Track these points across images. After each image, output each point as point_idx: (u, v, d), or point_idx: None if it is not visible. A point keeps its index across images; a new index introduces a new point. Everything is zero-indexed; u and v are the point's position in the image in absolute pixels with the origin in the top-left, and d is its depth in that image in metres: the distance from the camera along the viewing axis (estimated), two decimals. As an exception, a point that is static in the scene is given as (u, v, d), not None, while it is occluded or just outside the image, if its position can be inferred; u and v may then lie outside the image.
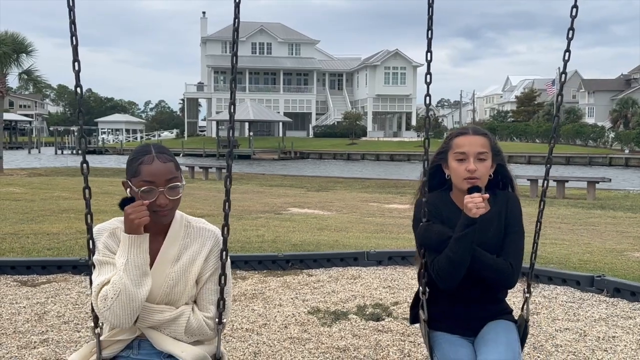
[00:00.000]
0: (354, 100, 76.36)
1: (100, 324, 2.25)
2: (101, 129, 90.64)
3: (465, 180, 2.49)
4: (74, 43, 2.24)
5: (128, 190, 2.25)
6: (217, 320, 2.29)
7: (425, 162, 2.63)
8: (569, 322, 4.78)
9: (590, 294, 5.58)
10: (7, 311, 4.86)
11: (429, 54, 2.62)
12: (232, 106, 2.32)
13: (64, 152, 60.79)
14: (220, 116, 59.79)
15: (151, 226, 2.23)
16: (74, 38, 2.24)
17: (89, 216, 2.24)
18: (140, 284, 2.14)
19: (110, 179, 20.24)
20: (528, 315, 2.71)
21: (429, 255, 2.53)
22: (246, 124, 62.63)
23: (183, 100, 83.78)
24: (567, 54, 2.58)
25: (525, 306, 2.71)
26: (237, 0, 2.30)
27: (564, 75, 2.63)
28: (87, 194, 2.26)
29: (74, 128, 66.47)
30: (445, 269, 2.44)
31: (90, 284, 2.23)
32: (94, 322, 2.23)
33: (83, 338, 4.24)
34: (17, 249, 7.07)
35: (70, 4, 2.24)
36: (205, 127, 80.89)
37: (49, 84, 53.26)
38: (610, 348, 4.21)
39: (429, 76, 2.65)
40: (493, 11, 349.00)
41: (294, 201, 14.43)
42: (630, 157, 46.35)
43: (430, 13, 2.59)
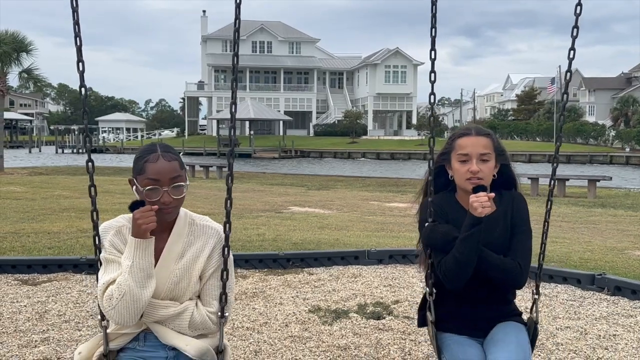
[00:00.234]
0: (354, 99, 76.30)
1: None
2: (102, 128, 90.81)
3: (469, 181, 2.47)
4: (78, 44, 2.25)
5: (134, 187, 2.30)
6: (220, 314, 2.34)
7: (430, 162, 2.60)
8: (570, 321, 4.78)
9: (591, 293, 5.58)
10: (8, 310, 4.86)
11: (433, 52, 2.57)
12: (234, 106, 2.34)
13: (65, 151, 60.85)
14: (220, 115, 59.77)
15: (156, 223, 2.27)
16: (78, 39, 2.25)
17: (94, 213, 2.29)
18: (144, 286, 2.20)
19: (111, 177, 20.24)
20: (538, 317, 2.67)
21: (436, 256, 2.51)
22: (247, 123, 62.60)
23: (183, 99, 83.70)
24: (572, 52, 2.55)
25: (534, 308, 2.68)
26: (238, 1, 2.30)
27: (569, 74, 2.60)
28: (93, 192, 2.31)
29: (74, 127, 66.55)
30: (452, 269, 2.42)
31: (97, 280, 2.28)
32: (100, 316, 2.29)
33: (84, 337, 4.24)
34: (18, 248, 7.08)
35: (74, 5, 2.25)
36: (205, 126, 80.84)
37: (49, 82, 53.12)
38: (611, 346, 4.21)
39: (433, 74, 2.59)
40: (493, 9, 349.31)
41: (294, 200, 14.43)
42: (630, 156, 46.38)
43: (434, 11, 2.55)
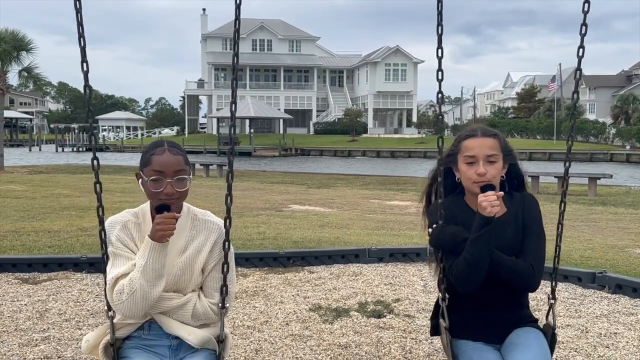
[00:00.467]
0: (354, 97, 76.29)
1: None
2: (102, 126, 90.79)
3: (476, 183, 2.41)
4: (82, 44, 2.24)
5: (140, 181, 2.37)
6: (221, 305, 2.42)
7: (439, 162, 2.53)
8: (571, 319, 4.78)
9: (592, 291, 5.58)
10: (9, 309, 4.86)
11: (440, 50, 2.51)
12: (234, 105, 2.38)
13: (65, 150, 60.82)
14: (220, 113, 59.71)
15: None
16: (81, 39, 2.25)
17: (100, 209, 2.35)
18: (154, 285, 2.28)
19: (111, 176, 20.24)
20: (555, 323, 2.59)
21: (447, 260, 2.44)
22: (247, 121, 62.54)
23: (183, 98, 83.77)
24: (581, 49, 2.51)
25: (550, 313, 2.61)
26: (238, 1, 2.30)
27: (578, 72, 2.55)
28: (98, 188, 2.37)
29: (74, 125, 66.58)
30: (463, 271, 2.35)
31: (104, 273, 2.34)
32: (107, 306, 2.37)
33: (84, 335, 4.23)
34: (18, 247, 7.09)
35: (77, 6, 2.24)
36: (205, 124, 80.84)
37: (49, 81, 53.26)
38: (612, 344, 4.20)
39: (440, 73, 2.55)
40: (493, 8, 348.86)
41: (294, 198, 14.42)
42: (631, 153, 46.33)
43: (439, 8, 2.51)
